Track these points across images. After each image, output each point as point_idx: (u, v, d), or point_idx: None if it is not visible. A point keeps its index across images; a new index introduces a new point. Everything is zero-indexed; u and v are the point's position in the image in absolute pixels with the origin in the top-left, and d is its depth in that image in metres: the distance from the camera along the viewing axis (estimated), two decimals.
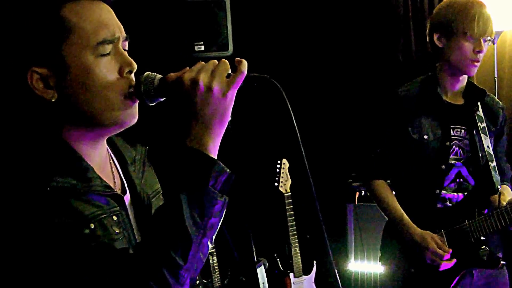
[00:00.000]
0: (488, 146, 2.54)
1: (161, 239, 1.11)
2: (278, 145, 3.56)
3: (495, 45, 3.70)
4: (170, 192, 1.14)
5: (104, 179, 1.24)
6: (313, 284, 3.80)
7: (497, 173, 2.54)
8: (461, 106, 2.57)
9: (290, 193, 3.60)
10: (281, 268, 3.70)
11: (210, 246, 1.17)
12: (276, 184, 3.55)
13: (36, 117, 1.21)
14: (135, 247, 1.17)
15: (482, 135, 2.53)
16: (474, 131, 2.55)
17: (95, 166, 1.24)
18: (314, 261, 3.84)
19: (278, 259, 3.71)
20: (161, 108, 1.29)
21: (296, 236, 3.64)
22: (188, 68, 1.19)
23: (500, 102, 2.69)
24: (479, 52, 2.44)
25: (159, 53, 2.91)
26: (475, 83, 2.67)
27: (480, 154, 2.54)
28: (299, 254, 3.68)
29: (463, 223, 2.50)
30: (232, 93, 1.17)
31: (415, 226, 2.51)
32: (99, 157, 1.29)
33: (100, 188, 1.21)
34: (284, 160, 3.61)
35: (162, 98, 1.23)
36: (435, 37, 2.52)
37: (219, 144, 1.18)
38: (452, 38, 2.46)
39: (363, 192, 3.89)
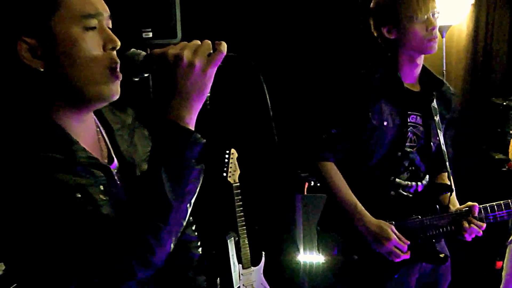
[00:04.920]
0: (443, 144, 2.55)
1: (143, 206, 1.21)
2: (226, 134, 3.51)
3: (444, 39, 3.75)
4: (149, 162, 1.25)
5: (90, 151, 1.31)
6: (262, 275, 3.78)
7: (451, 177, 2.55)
8: (417, 93, 2.55)
9: (238, 184, 3.56)
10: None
11: (189, 210, 1.27)
12: (224, 174, 3.50)
13: (22, 88, 1.28)
14: (120, 214, 1.25)
15: (438, 131, 2.53)
16: (430, 121, 2.55)
17: (81, 139, 1.30)
18: (263, 253, 3.82)
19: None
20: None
21: (244, 227, 3.60)
22: (172, 45, 1.28)
23: (451, 89, 2.70)
24: (433, 28, 2.42)
25: None
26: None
27: (432, 144, 2.55)
28: (247, 245, 3.65)
29: (415, 218, 2.49)
30: (212, 71, 1.27)
31: (370, 215, 2.48)
32: (85, 130, 1.35)
33: (85, 160, 1.27)
34: (233, 150, 3.56)
35: (146, 73, 1.32)
36: (384, 30, 2.49)
37: (195, 117, 1.28)
38: (401, 26, 2.44)
39: (312, 182, 3.88)
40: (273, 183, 3.91)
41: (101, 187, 1.27)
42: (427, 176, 2.59)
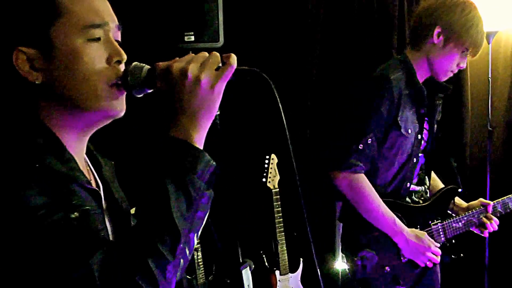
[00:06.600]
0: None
1: (148, 230, 1.06)
2: (266, 140, 3.50)
3: (490, 45, 3.66)
4: (155, 183, 1.10)
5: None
6: (299, 281, 3.75)
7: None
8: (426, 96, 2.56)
9: (278, 189, 3.54)
10: (267, 266, 3.64)
11: (196, 241, 1.14)
12: (263, 180, 3.49)
13: (21, 101, 1.18)
14: (120, 238, 1.14)
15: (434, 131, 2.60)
16: (433, 122, 2.59)
17: (77, 158, 1.20)
18: (301, 259, 3.79)
19: (264, 256, 3.66)
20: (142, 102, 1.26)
21: (283, 233, 3.58)
22: (177, 58, 1.17)
23: None
24: (460, 68, 2.47)
25: (148, 43, 2.84)
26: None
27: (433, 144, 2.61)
28: (285, 251, 3.63)
29: (437, 222, 2.55)
30: (220, 86, 1.16)
31: (406, 226, 2.48)
32: (81, 152, 1.26)
33: (84, 179, 1.17)
34: (273, 156, 3.55)
35: (150, 89, 1.20)
36: (436, 31, 2.43)
37: (204, 136, 1.17)
38: (449, 44, 2.41)
39: None
40: (313, 189, 3.88)
41: (93, 214, 1.15)
42: (427, 178, 2.64)
